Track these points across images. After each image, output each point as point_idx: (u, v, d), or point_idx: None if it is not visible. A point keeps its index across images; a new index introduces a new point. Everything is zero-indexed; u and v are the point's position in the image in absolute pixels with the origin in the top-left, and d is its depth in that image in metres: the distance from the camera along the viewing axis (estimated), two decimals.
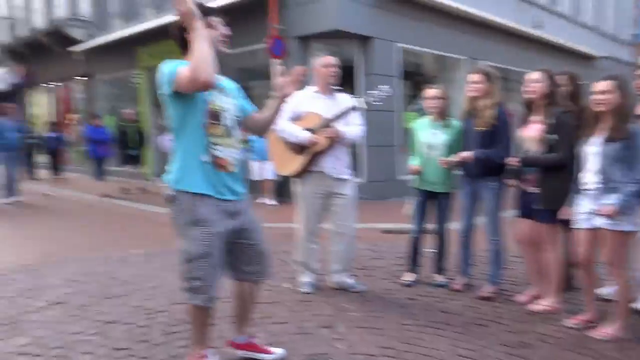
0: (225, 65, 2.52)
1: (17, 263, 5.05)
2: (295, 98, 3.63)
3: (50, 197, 10.62)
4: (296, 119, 3.86)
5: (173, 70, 2.32)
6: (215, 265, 2.49)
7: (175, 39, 2.48)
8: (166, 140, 9.54)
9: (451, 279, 4.12)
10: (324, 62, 3.89)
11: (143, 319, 3.48)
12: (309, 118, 3.83)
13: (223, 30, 2.51)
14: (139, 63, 13.02)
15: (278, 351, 2.86)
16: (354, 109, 3.86)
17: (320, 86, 3.93)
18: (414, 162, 4.09)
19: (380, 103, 3.94)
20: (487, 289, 3.84)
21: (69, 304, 3.79)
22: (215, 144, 2.45)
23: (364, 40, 9.29)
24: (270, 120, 2.77)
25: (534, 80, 3.50)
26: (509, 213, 3.85)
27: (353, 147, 9.14)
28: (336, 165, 3.88)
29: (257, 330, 3.05)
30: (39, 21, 17.33)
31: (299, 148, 3.84)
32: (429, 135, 4.03)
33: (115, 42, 13.17)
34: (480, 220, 3.92)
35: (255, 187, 7.85)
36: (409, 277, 4.20)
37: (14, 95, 19.43)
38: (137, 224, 7.33)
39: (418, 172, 4.04)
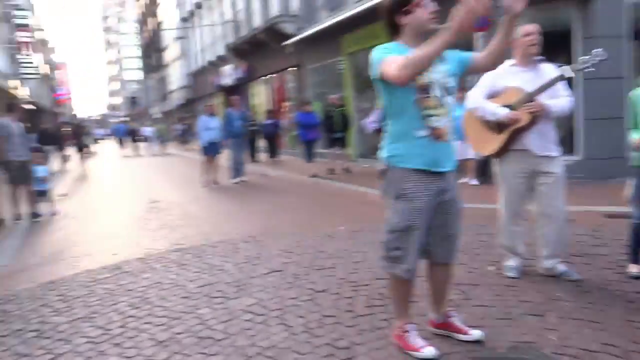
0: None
1: (243, 234, 5.80)
2: (491, 72, 3.41)
3: (268, 178, 11.91)
4: (494, 95, 3.62)
5: (380, 58, 2.41)
6: (417, 239, 2.54)
7: (384, 20, 2.55)
8: (368, 123, 9.86)
9: None
10: (523, 31, 3.53)
11: (348, 290, 3.69)
12: (508, 93, 3.56)
13: (431, 7, 2.48)
14: (343, 50, 13.66)
15: (476, 332, 2.77)
16: (560, 79, 3.46)
17: (519, 58, 3.60)
18: (635, 136, 3.51)
19: (593, 69, 3.44)
20: None
21: (285, 272, 4.21)
22: (431, 116, 2.48)
23: (583, 0, 8.21)
24: (501, 47, 2.54)
25: None
26: None
27: (569, 121, 8.29)
28: (542, 141, 3.54)
29: (458, 311, 2.99)
30: (257, 21, 19.37)
31: (497, 126, 3.59)
32: None
33: (322, 32, 14.02)
34: None
35: (458, 167, 7.64)
36: (634, 268, 3.64)
37: (238, 89, 22.22)
38: (342, 202, 7.78)
39: None
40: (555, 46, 8.75)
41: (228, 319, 3.27)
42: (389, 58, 2.35)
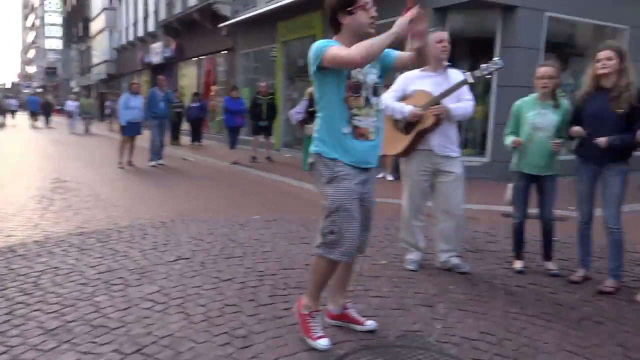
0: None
1: (154, 219, 5.66)
2: (403, 77, 3.70)
3: (188, 162, 11.66)
4: (404, 98, 3.81)
5: (322, 48, 2.46)
6: (352, 218, 2.57)
7: (328, 16, 2.62)
8: (295, 114, 9.88)
9: (567, 269, 3.84)
10: (435, 37, 3.72)
11: (254, 280, 3.72)
12: (417, 96, 3.76)
13: (372, 12, 2.55)
14: (277, 37, 13.55)
15: (370, 323, 2.89)
16: (463, 84, 3.70)
17: (430, 63, 3.78)
18: (508, 140, 3.85)
19: (490, 77, 3.74)
20: (608, 284, 3.51)
21: (193, 260, 4.17)
22: (356, 115, 2.58)
23: (507, 9, 8.64)
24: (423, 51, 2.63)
25: None
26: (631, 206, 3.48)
27: (484, 125, 8.72)
28: (444, 142, 3.76)
29: (356, 302, 3.11)
30: None
31: (405, 128, 3.79)
32: (536, 115, 3.76)
33: (257, 17, 13.81)
34: (601, 209, 3.60)
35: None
36: (518, 264, 3.99)
37: (166, 68, 21.44)
38: (260, 191, 7.77)
39: (519, 144, 3.78)
40: (479, 52, 9.22)
41: (126, 307, 3.19)
42: (335, 47, 2.44)
